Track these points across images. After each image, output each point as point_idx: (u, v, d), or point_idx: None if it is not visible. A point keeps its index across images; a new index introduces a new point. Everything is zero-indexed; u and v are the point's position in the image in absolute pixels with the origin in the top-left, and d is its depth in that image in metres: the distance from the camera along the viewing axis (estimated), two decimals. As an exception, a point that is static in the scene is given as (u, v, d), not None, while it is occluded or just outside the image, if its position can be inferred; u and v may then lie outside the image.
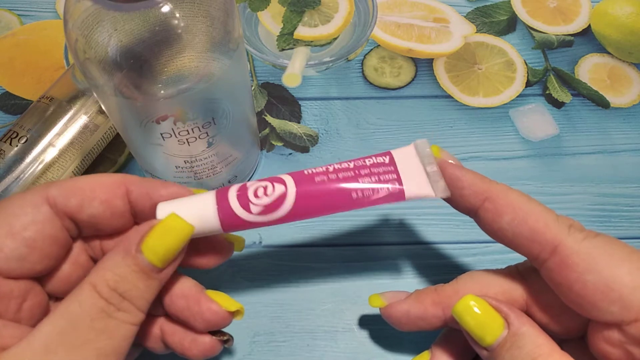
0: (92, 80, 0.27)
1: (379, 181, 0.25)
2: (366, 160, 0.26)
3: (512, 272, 0.27)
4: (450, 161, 0.26)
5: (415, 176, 0.26)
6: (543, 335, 0.24)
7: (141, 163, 0.34)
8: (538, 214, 0.24)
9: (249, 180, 0.37)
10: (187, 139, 0.29)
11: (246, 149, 0.34)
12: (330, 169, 0.26)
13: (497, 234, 0.25)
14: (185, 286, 0.26)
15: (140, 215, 0.25)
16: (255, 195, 0.25)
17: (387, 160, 0.26)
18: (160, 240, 0.23)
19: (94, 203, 0.24)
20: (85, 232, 0.25)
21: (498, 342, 0.24)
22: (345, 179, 0.25)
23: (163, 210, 0.24)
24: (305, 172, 0.26)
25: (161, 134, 0.29)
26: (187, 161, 0.31)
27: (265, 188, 0.25)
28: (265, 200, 0.25)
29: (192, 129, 0.29)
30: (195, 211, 0.24)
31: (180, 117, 0.28)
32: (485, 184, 0.26)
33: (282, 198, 0.25)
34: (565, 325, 0.26)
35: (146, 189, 0.25)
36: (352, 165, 0.26)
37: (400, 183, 0.25)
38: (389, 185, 0.25)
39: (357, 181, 0.25)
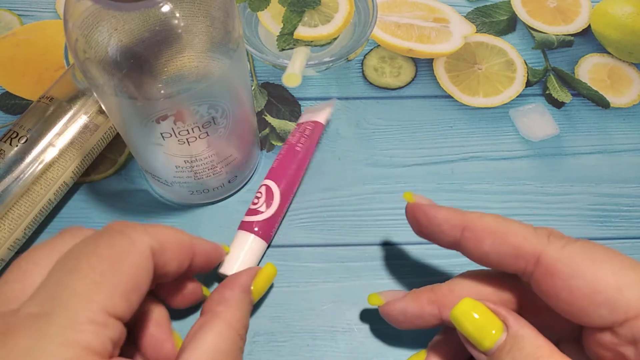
0: (92, 80, 0.27)
1: (302, 131, 0.37)
2: (289, 136, 0.38)
3: (506, 273, 0.27)
4: (423, 202, 0.28)
5: (315, 112, 0.38)
6: (542, 337, 0.24)
7: (141, 163, 0.34)
8: (516, 230, 0.25)
9: (249, 180, 0.37)
10: (187, 139, 0.29)
11: (246, 149, 0.34)
12: (277, 156, 0.36)
13: (483, 260, 0.26)
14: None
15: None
16: (253, 203, 0.35)
17: (297, 126, 0.38)
18: (263, 283, 0.30)
19: (173, 263, 0.25)
20: None
21: (497, 346, 0.24)
22: (289, 148, 0.36)
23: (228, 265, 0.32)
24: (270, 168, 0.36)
25: (161, 134, 0.29)
26: (187, 161, 0.31)
27: (255, 196, 0.35)
28: (262, 200, 0.35)
29: (192, 129, 0.29)
30: (248, 250, 0.33)
31: (180, 117, 0.28)
32: (459, 215, 0.26)
33: (269, 192, 0.35)
34: (560, 326, 0.26)
35: (207, 254, 0.28)
36: (284, 144, 0.37)
37: (311, 122, 0.38)
38: (308, 127, 0.37)
39: (293, 142, 0.37)
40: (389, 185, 0.37)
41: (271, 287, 0.34)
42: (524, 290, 0.26)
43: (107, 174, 0.38)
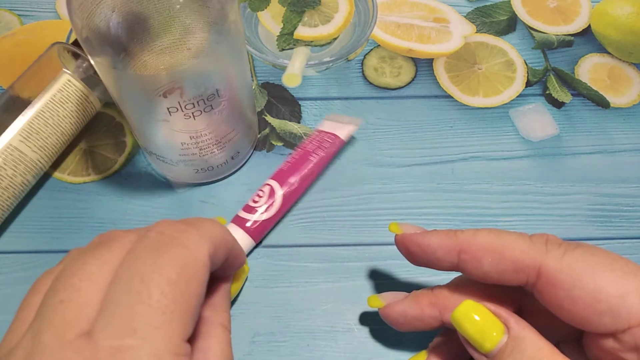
0: (95, 56, 0.27)
1: (320, 142, 0.37)
2: (306, 140, 0.37)
3: None
4: (412, 231, 0.27)
5: (340, 127, 0.38)
6: (543, 339, 0.24)
7: (146, 144, 0.34)
8: (512, 244, 0.25)
9: (250, 156, 0.38)
10: (192, 113, 0.30)
11: (247, 124, 0.35)
12: (290, 159, 0.36)
13: (485, 279, 0.26)
14: None
15: None
16: (254, 202, 0.34)
17: (317, 133, 0.38)
18: (238, 283, 0.31)
19: (219, 261, 0.24)
20: None
21: (499, 348, 0.24)
22: (303, 155, 0.36)
23: None
24: (276, 170, 0.36)
25: (168, 109, 0.29)
26: (193, 137, 0.32)
27: (257, 194, 0.35)
28: (263, 201, 0.34)
29: (198, 102, 0.29)
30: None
31: (185, 90, 0.28)
32: (452, 238, 0.26)
33: (272, 193, 0.35)
34: (560, 327, 0.26)
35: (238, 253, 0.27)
36: (300, 148, 0.37)
37: (332, 134, 0.37)
38: (328, 140, 0.37)
39: (309, 150, 0.36)
40: (389, 185, 0.37)
41: (270, 286, 0.34)
42: (525, 292, 0.26)
43: (107, 174, 0.38)
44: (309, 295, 0.34)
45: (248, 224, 0.34)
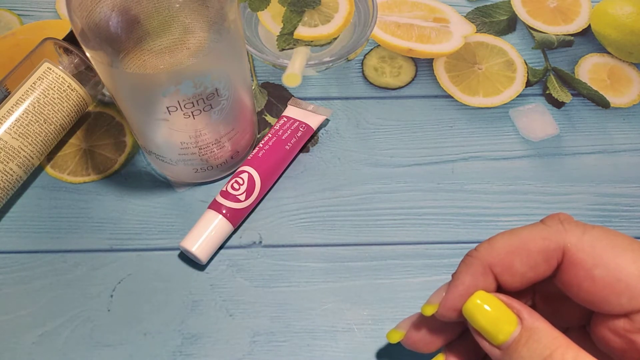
0: (95, 55, 0.27)
1: (294, 131, 0.37)
2: (277, 126, 0.38)
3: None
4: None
5: (310, 116, 0.38)
6: (556, 330, 0.23)
7: (145, 143, 0.34)
8: (530, 235, 0.24)
9: (250, 153, 0.37)
10: (192, 112, 0.30)
11: (246, 123, 0.35)
12: (262, 145, 0.37)
13: (524, 282, 0.25)
14: None
15: None
16: (233, 189, 0.35)
17: (286, 119, 0.38)
18: None
19: None
20: None
21: (513, 338, 0.23)
22: (277, 143, 0.37)
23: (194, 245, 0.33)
24: (249, 157, 0.36)
25: (167, 108, 0.29)
26: (192, 136, 0.32)
27: (236, 181, 0.35)
28: (243, 188, 0.35)
29: (197, 101, 0.29)
30: (212, 230, 0.34)
31: (185, 89, 0.28)
32: (475, 264, 0.25)
33: (252, 180, 0.35)
34: (569, 314, 0.26)
35: None
36: (271, 135, 0.37)
37: (305, 124, 0.38)
38: (301, 129, 0.37)
39: (283, 139, 0.37)
40: (389, 185, 0.37)
41: (270, 286, 0.34)
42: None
43: (107, 174, 0.38)
44: (309, 295, 0.34)
45: (224, 211, 0.34)
